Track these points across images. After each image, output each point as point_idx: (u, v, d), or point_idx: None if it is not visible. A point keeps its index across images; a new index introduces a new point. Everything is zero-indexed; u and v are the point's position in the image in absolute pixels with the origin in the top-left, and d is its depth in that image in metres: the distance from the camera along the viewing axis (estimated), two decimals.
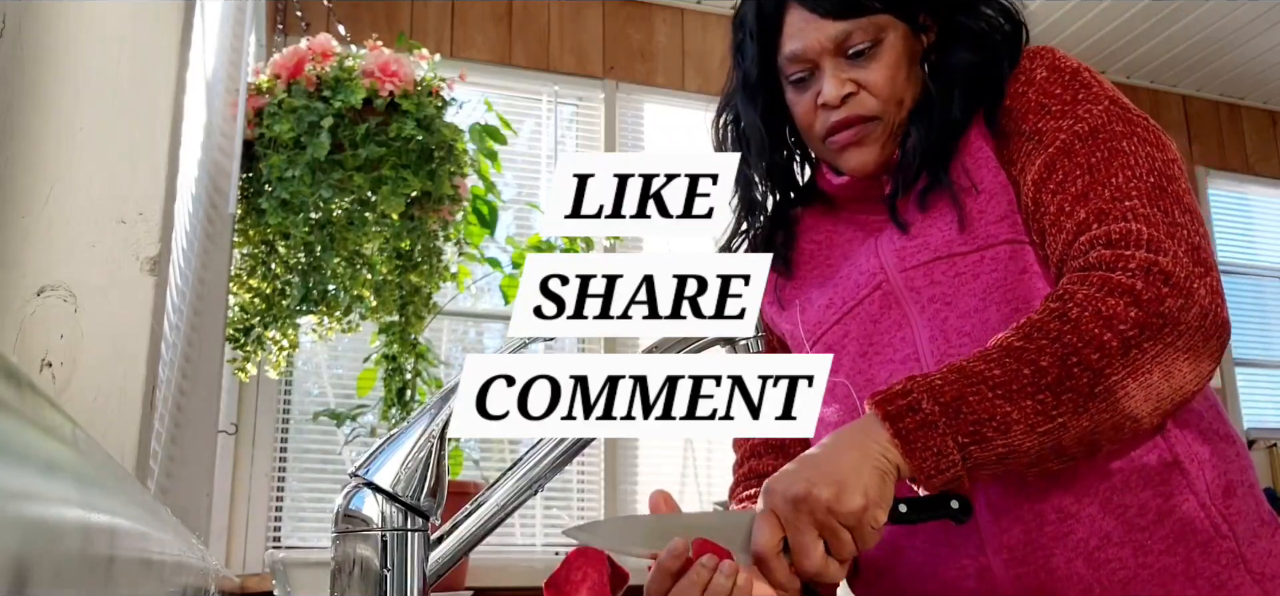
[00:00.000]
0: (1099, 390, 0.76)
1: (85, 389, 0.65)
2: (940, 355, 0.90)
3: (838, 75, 0.94)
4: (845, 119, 0.95)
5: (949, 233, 0.91)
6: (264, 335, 1.75)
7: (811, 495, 0.73)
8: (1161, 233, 0.80)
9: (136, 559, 0.39)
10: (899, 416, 0.76)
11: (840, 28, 0.94)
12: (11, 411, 0.20)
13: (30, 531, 0.21)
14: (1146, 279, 0.78)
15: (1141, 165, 0.85)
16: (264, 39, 2.52)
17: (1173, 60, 4.11)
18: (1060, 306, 0.79)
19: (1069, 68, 0.92)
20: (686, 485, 3.30)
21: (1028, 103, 0.91)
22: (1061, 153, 0.87)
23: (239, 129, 1.57)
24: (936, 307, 0.91)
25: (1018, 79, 0.93)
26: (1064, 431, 0.76)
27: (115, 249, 0.67)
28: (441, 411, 0.77)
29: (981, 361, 0.77)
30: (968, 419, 0.75)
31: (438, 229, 1.79)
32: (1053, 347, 0.76)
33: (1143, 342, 0.76)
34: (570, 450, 0.85)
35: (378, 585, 0.73)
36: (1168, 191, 0.83)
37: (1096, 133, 0.87)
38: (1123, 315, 0.76)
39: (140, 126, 0.69)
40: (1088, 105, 0.89)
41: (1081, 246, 0.83)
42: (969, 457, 0.75)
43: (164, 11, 0.72)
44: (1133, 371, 0.76)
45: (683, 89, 3.59)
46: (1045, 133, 0.89)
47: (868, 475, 0.75)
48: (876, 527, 0.74)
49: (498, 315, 3.26)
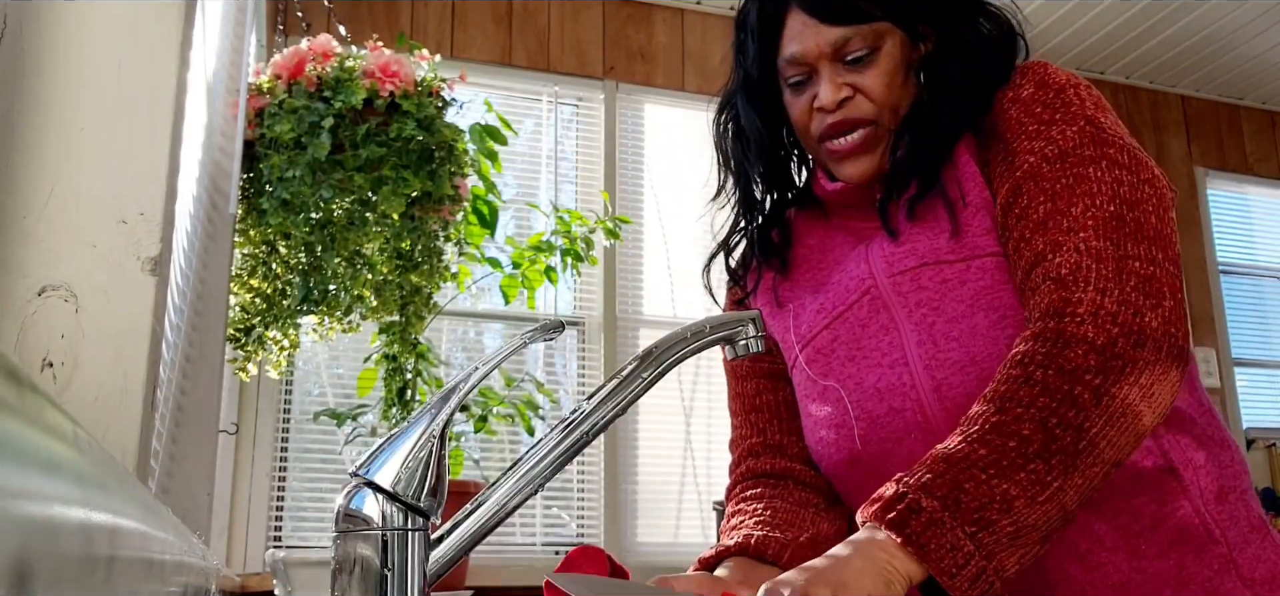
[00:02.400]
0: (1083, 445, 0.75)
1: (86, 388, 0.65)
2: (928, 359, 0.90)
3: (835, 79, 0.95)
4: (840, 122, 0.95)
5: (938, 240, 0.91)
6: (265, 335, 1.75)
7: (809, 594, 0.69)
8: (1109, 269, 0.80)
9: (137, 558, 0.39)
10: (902, 522, 0.73)
11: (839, 33, 0.94)
12: (12, 411, 0.20)
13: (31, 531, 0.21)
14: (1096, 324, 0.78)
15: (1103, 192, 0.84)
16: (264, 39, 2.52)
17: (1173, 60, 4.11)
18: (1023, 372, 0.78)
19: (1055, 85, 0.91)
20: (686, 485, 3.30)
21: (1010, 120, 0.91)
22: (1028, 176, 0.87)
23: (240, 129, 1.57)
24: (923, 313, 0.91)
25: (1006, 94, 0.93)
26: (1063, 494, 0.75)
27: (116, 249, 0.67)
28: (441, 411, 0.77)
29: (965, 444, 0.76)
30: (969, 507, 0.73)
31: (438, 229, 1.79)
32: (1029, 413, 0.76)
33: (1109, 388, 0.76)
34: (570, 450, 0.85)
35: (378, 584, 0.74)
36: (1126, 220, 0.82)
37: (1065, 156, 0.86)
38: (1083, 364, 0.77)
39: (141, 126, 0.69)
40: (1061, 126, 0.88)
41: (1035, 280, 0.83)
42: (981, 546, 0.72)
43: (164, 11, 0.72)
44: (1108, 418, 0.76)
45: (683, 89, 3.59)
46: (1017, 154, 0.89)
47: (871, 582, 0.71)
48: None
49: (498, 315, 3.26)
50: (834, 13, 0.94)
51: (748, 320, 0.88)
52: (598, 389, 0.86)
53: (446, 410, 0.76)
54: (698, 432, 3.35)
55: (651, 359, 0.86)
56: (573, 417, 0.85)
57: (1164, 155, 4.25)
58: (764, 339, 0.89)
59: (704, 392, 3.38)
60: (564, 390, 3.30)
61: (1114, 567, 0.85)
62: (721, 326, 0.88)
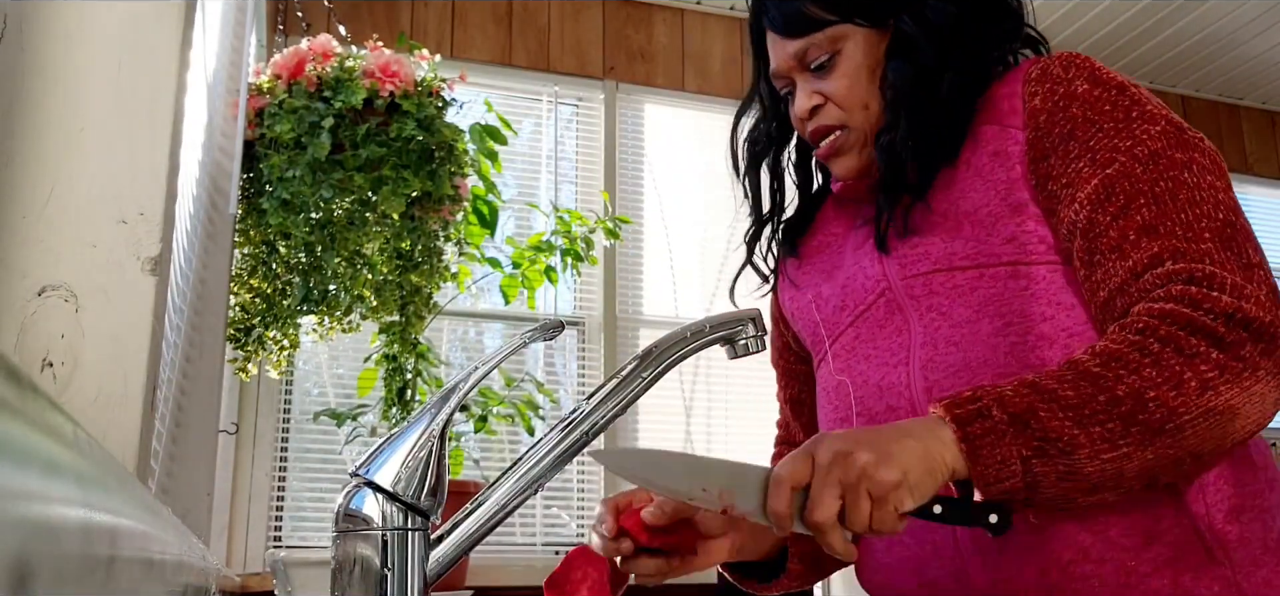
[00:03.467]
0: (1169, 427, 0.75)
1: (86, 389, 0.65)
2: (926, 361, 0.90)
3: (806, 89, 0.99)
4: (815, 130, 0.99)
5: (953, 244, 0.91)
6: (265, 335, 1.75)
7: (853, 454, 0.73)
8: (1242, 277, 0.79)
9: (137, 559, 0.39)
10: (968, 420, 0.75)
11: (797, 45, 0.97)
12: (12, 411, 0.20)
13: (31, 531, 0.21)
14: (1229, 324, 0.76)
15: (1208, 201, 0.82)
16: (264, 39, 2.52)
17: (1173, 60, 4.11)
18: (1141, 340, 0.77)
19: (1115, 82, 0.89)
20: None
21: (1073, 117, 0.88)
22: (1121, 175, 0.84)
23: (240, 129, 1.57)
24: (932, 316, 0.91)
25: (1054, 90, 0.89)
26: (1128, 461, 0.75)
27: (116, 249, 0.67)
28: (441, 411, 0.77)
29: (1055, 380, 0.76)
30: (1035, 432, 0.74)
31: (438, 229, 1.79)
32: (1131, 378, 0.75)
33: (1219, 385, 0.75)
34: (570, 450, 0.85)
35: (378, 584, 0.74)
36: (1239, 227, 0.82)
37: (1156, 158, 0.84)
38: (1205, 355, 0.75)
39: (141, 126, 0.69)
40: (1144, 125, 0.86)
41: (1156, 279, 0.81)
42: (1030, 471, 0.74)
43: (164, 11, 0.72)
44: (1205, 413, 0.75)
45: (683, 89, 3.59)
46: (1099, 150, 0.86)
47: (914, 460, 0.73)
48: (899, 509, 0.73)
49: (498, 315, 3.26)
50: (789, 26, 0.97)
51: (748, 320, 0.88)
52: (598, 389, 0.86)
53: (446, 410, 0.77)
54: (698, 433, 3.35)
55: (651, 359, 0.87)
56: (573, 417, 0.85)
57: None
58: (763, 338, 0.90)
59: (703, 392, 3.38)
60: (564, 390, 3.30)
61: (1100, 580, 0.83)
62: (721, 326, 0.88)
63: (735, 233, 3.54)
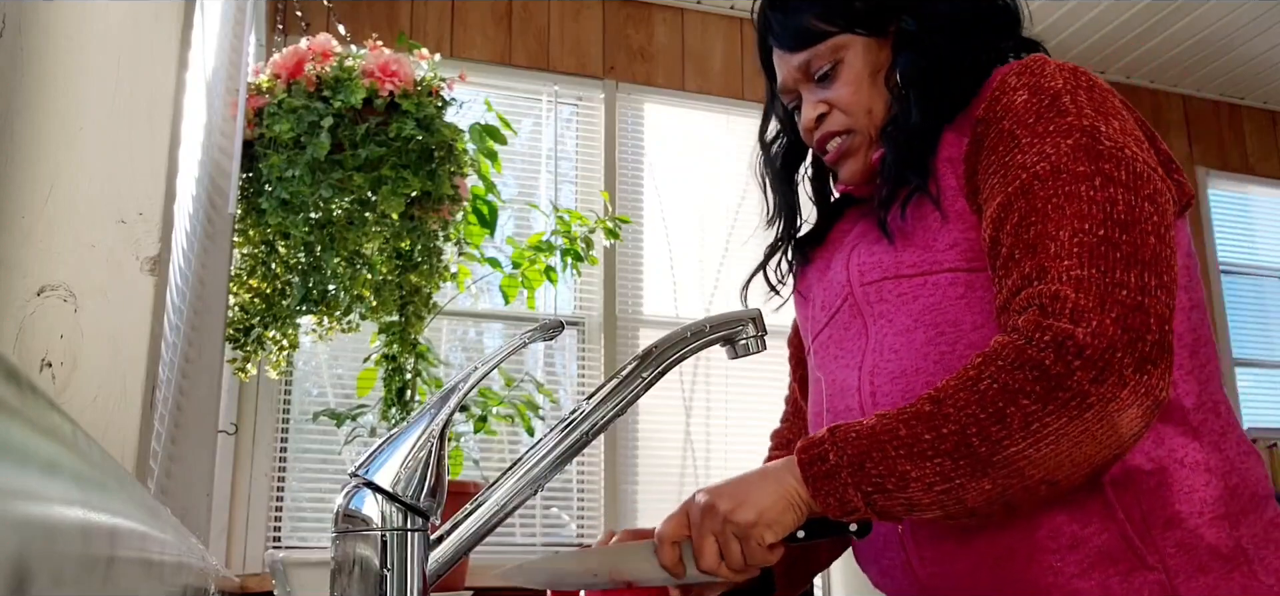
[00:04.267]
0: (996, 460, 0.76)
1: (85, 389, 0.65)
2: (872, 366, 0.95)
3: (811, 100, 1.03)
4: (822, 137, 1.03)
5: (904, 253, 0.93)
6: (264, 335, 1.75)
7: (715, 504, 0.83)
8: (1091, 300, 0.77)
9: (136, 559, 0.39)
10: (810, 463, 0.82)
11: (801, 57, 1.02)
12: (12, 411, 0.20)
13: (30, 531, 0.21)
14: (1057, 353, 0.76)
15: (1094, 214, 0.81)
16: (264, 39, 2.52)
17: (1173, 60, 4.11)
18: (975, 374, 0.79)
19: (1050, 91, 0.88)
20: (686, 485, 3.30)
21: (1002, 131, 0.88)
22: (1020, 193, 0.84)
23: (239, 129, 1.56)
24: (882, 324, 0.95)
25: (1000, 99, 0.90)
26: (964, 492, 0.78)
27: (115, 249, 0.67)
28: (441, 411, 0.77)
29: (897, 420, 0.80)
30: (870, 473, 0.80)
31: (438, 229, 1.79)
32: (957, 416, 0.78)
33: (1045, 417, 0.75)
34: (570, 450, 0.85)
35: (378, 585, 0.73)
36: (1120, 243, 0.79)
37: (1058, 172, 0.83)
38: (1027, 389, 0.76)
39: (140, 126, 0.69)
40: (1055, 139, 0.85)
41: (1018, 304, 0.81)
42: (873, 504, 0.80)
43: (164, 11, 0.72)
44: (1035, 443, 0.76)
45: (683, 89, 3.59)
46: (1010, 168, 0.86)
47: (768, 499, 0.82)
48: (762, 544, 0.82)
49: (498, 315, 3.26)
50: (792, 40, 1.02)
51: (748, 320, 0.88)
52: (598, 389, 0.86)
53: (446, 410, 0.76)
54: (698, 432, 3.35)
55: (651, 359, 0.87)
56: (573, 417, 0.85)
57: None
58: (764, 338, 0.90)
59: (703, 392, 3.38)
60: (564, 390, 3.30)
61: (1029, 580, 0.85)
62: (721, 326, 0.88)
63: (735, 232, 3.55)
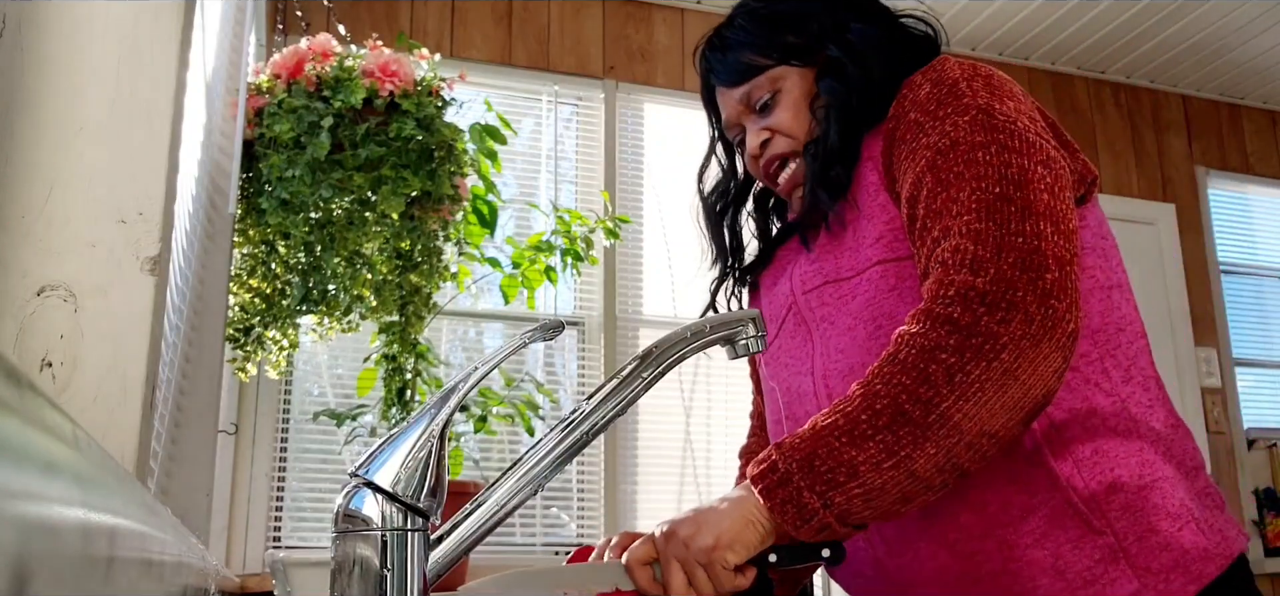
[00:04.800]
0: (932, 419, 0.79)
1: (85, 389, 0.65)
2: (823, 369, 0.98)
3: (755, 129, 1.08)
4: (767, 162, 1.08)
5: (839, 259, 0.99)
6: (264, 335, 1.75)
7: (677, 531, 0.86)
8: (987, 250, 0.82)
9: (136, 559, 0.39)
10: (761, 477, 0.84)
11: (742, 90, 1.08)
12: (11, 411, 0.20)
13: (30, 531, 0.21)
14: (964, 303, 0.80)
15: (990, 175, 0.86)
16: (264, 39, 2.52)
17: (1173, 60, 4.11)
18: (893, 350, 0.83)
19: (949, 80, 0.94)
20: (685, 485, 3.30)
21: (908, 122, 0.94)
22: (927, 169, 0.90)
23: (239, 129, 1.56)
24: (824, 328, 0.99)
25: (906, 96, 0.96)
26: (911, 462, 0.79)
27: (115, 249, 0.67)
28: (441, 411, 0.77)
29: (830, 414, 0.83)
30: (820, 470, 0.81)
31: (438, 229, 1.79)
32: (886, 390, 0.81)
33: (965, 366, 0.79)
34: (570, 450, 0.85)
35: (378, 585, 0.73)
36: (1012, 199, 0.84)
37: (956, 145, 0.89)
38: (943, 343, 0.80)
39: (140, 126, 0.69)
40: (953, 118, 0.91)
41: (929, 267, 0.87)
42: (831, 504, 0.81)
43: (164, 11, 0.72)
44: (962, 395, 0.78)
45: (682, 89, 3.59)
46: (917, 150, 0.92)
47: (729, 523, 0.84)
48: (725, 566, 0.84)
49: (498, 315, 3.26)
50: (734, 75, 1.08)
51: (748, 320, 0.89)
52: (598, 389, 0.86)
53: (446, 410, 0.76)
54: (697, 432, 3.35)
55: (651, 359, 0.87)
56: (573, 417, 0.85)
57: (1165, 155, 4.25)
58: (764, 338, 0.90)
59: (703, 392, 3.38)
60: (564, 390, 3.30)
61: (985, 556, 0.88)
62: (721, 326, 0.88)
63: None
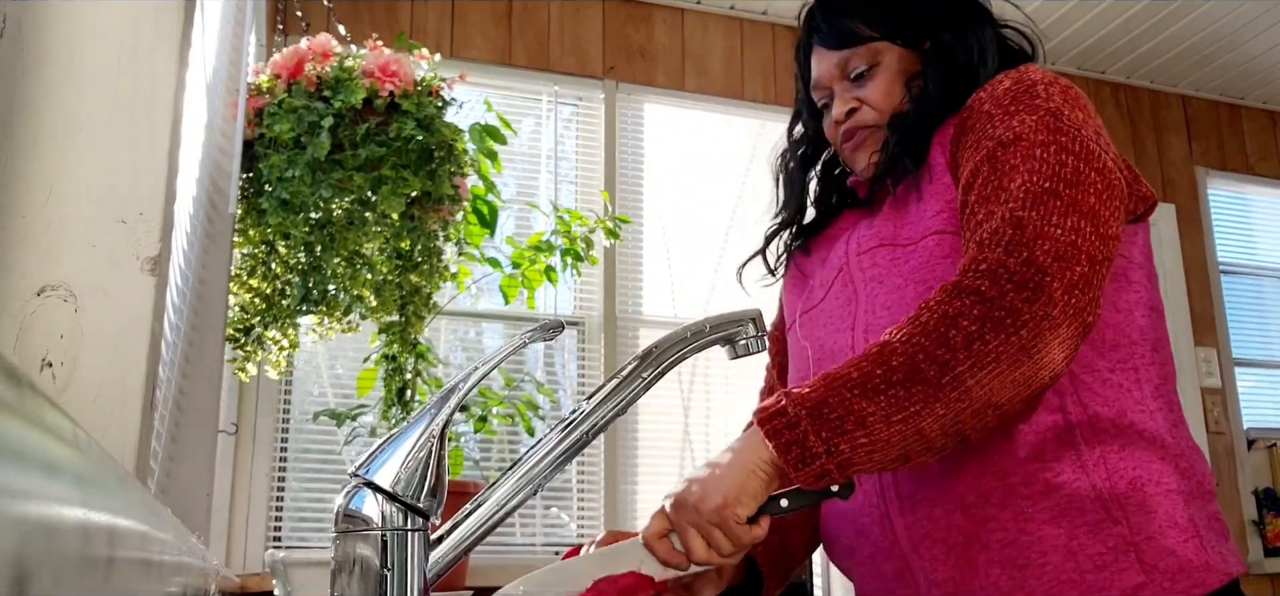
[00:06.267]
0: (945, 381, 0.81)
1: (85, 389, 0.65)
2: (866, 325, 1.00)
3: (844, 96, 1.11)
4: (849, 130, 1.11)
5: (898, 226, 1.02)
6: (264, 335, 1.75)
7: (684, 499, 0.86)
8: (1027, 235, 0.84)
9: (136, 559, 0.39)
10: (768, 420, 0.85)
11: (841, 55, 1.11)
12: (12, 411, 0.20)
13: (30, 531, 0.21)
14: (992, 279, 0.83)
15: (1043, 171, 0.88)
16: (264, 39, 2.52)
17: (1173, 60, 4.11)
18: (916, 314, 0.85)
19: (1028, 81, 0.96)
20: None
21: (982, 112, 0.97)
22: (986, 159, 0.93)
23: (239, 129, 1.56)
24: (872, 287, 1.01)
25: (985, 89, 0.99)
26: (919, 419, 0.81)
27: (115, 249, 0.67)
28: (441, 411, 0.77)
29: (846, 366, 0.85)
30: (829, 417, 0.82)
31: (438, 229, 1.79)
32: (903, 348, 0.83)
33: (985, 336, 0.81)
34: (570, 450, 0.85)
35: (378, 585, 0.74)
36: (1061, 195, 0.87)
37: (1018, 140, 0.91)
38: (966, 312, 0.82)
39: (140, 126, 0.69)
40: (1022, 115, 0.93)
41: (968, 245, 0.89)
42: (835, 451, 0.82)
43: (164, 11, 0.72)
44: (977, 363, 0.81)
45: (682, 89, 3.59)
46: (981, 139, 0.95)
47: (731, 477, 0.85)
48: (739, 521, 0.84)
49: (498, 315, 3.26)
50: (836, 39, 1.11)
51: (748, 320, 0.89)
52: (598, 389, 0.87)
53: (446, 410, 0.76)
54: (697, 432, 3.35)
55: (651, 359, 0.87)
56: (573, 417, 0.85)
57: (1165, 155, 4.25)
58: (764, 338, 0.90)
59: (703, 392, 3.38)
60: (564, 390, 3.30)
61: (999, 524, 0.90)
62: (721, 326, 0.88)
63: (733, 232, 3.55)
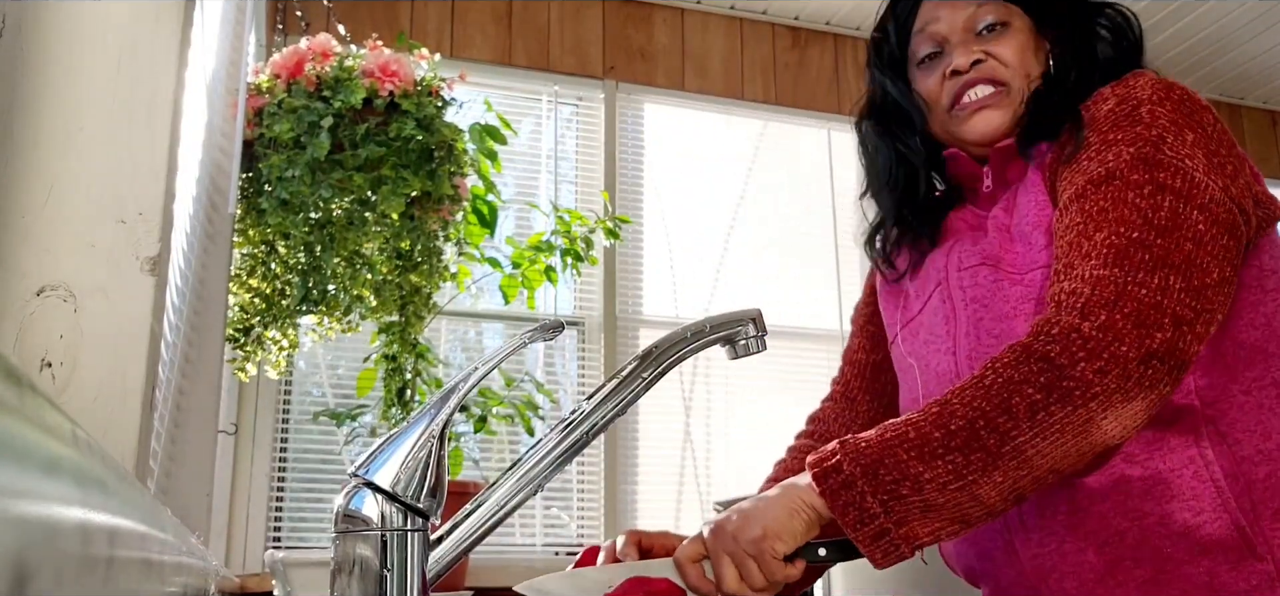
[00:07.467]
0: (1006, 451, 0.78)
1: (85, 389, 0.65)
2: (970, 350, 0.96)
3: (968, 46, 1.02)
4: (973, 79, 1.01)
5: (1002, 248, 0.97)
6: (264, 335, 1.75)
7: (723, 527, 0.84)
8: (1106, 296, 0.80)
9: (136, 559, 0.39)
10: (824, 476, 0.82)
11: (973, 8, 1.02)
12: (11, 411, 0.20)
13: (30, 531, 0.21)
14: (1064, 344, 0.79)
15: (1134, 219, 0.83)
16: (264, 39, 2.52)
17: (1173, 60, 4.11)
18: (980, 374, 0.82)
19: (1134, 99, 0.91)
20: (685, 485, 3.30)
21: (1081, 139, 0.92)
22: (1077, 195, 0.88)
23: (239, 129, 1.56)
24: (975, 309, 0.97)
25: (1089, 108, 0.94)
26: (977, 487, 0.79)
27: (115, 249, 0.67)
28: (441, 411, 0.77)
29: (905, 424, 0.82)
30: (885, 480, 0.80)
31: (438, 229, 1.79)
32: (964, 412, 0.80)
33: (1050, 406, 0.78)
34: (570, 450, 0.85)
35: (378, 585, 0.73)
36: (1151, 246, 0.82)
37: (1111, 178, 0.87)
38: (1032, 379, 0.79)
39: (140, 126, 0.69)
40: (1119, 148, 0.88)
41: (1046, 297, 0.86)
42: (892, 512, 0.80)
43: (164, 11, 0.72)
44: (1040, 434, 0.78)
45: (682, 89, 3.59)
46: (1075, 172, 0.90)
47: (775, 513, 0.83)
48: (775, 556, 0.82)
49: (498, 315, 3.25)
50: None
51: (748, 320, 0.88)
52: (598, 389, 0.86)
53: (446, 410, 0.76)
54: (698, 432, 3.35)
55: (651, 359, 0.87)
56: (573, 417, 0.85)
57: None
58: (764, 338, 0.90)
59: (703, 392, 3.38)
60: (564, 390, 3.30)
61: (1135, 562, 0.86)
62: (722, 326, 0.88)
63: (734, 232, 3.55)
